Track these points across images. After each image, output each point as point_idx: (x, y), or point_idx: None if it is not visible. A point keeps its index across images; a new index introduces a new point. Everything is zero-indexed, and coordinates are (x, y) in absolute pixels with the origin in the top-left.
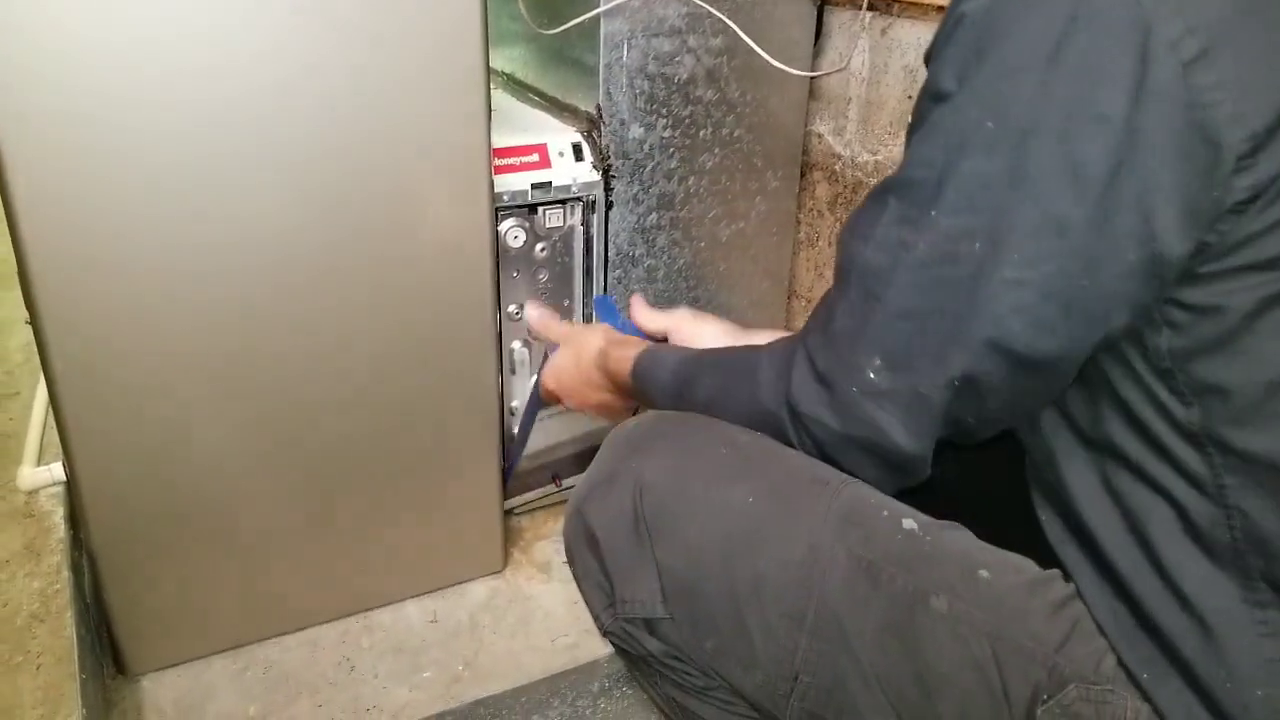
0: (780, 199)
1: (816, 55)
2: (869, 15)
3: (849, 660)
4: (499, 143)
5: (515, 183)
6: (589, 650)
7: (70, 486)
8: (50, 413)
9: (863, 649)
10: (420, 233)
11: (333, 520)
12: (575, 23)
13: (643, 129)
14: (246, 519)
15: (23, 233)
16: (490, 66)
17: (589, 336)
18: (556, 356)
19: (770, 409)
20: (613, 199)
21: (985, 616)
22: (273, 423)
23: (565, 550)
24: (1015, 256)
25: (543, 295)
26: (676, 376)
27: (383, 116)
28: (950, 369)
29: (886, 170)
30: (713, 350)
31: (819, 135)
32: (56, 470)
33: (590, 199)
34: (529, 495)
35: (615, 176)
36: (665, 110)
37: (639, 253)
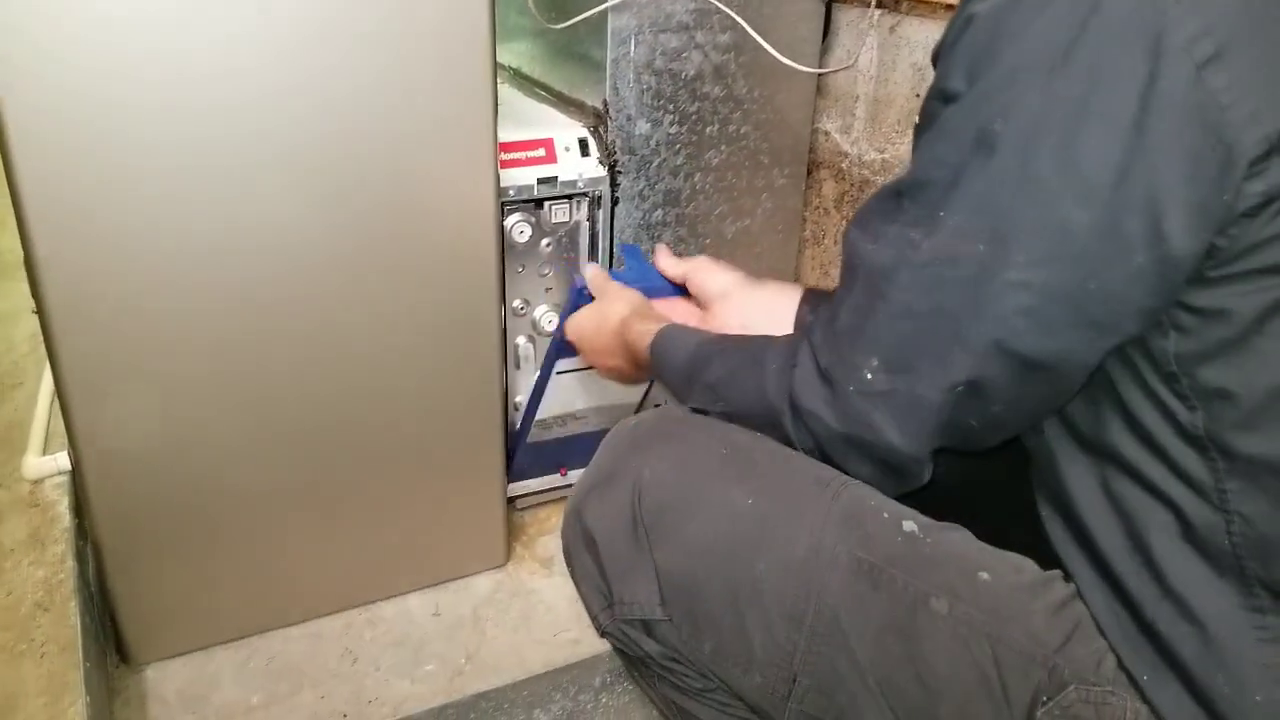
0: (786, 196)
1: (824, 52)
2: (877, 12)
3: (848, 662)
4: (505, 137)
5: (521, 177)
6: (591, 645)
7: (75, 476)
8: (56, 402)
9: (862, 651)
10: (426, 227)
11: (336, 512)
12: (582, 17)
13: (649, 125)
14: (250, 510)
15: (29, 223)
16: (497, 61)
17: (615, 303)
18: (584, 310)
19: (773, 401)
20: (618, 195)
21: (985, 618)
22: (278, 414)
23: (563, 551)
24: (1021, 258)
25: (547, 290)
26: (692, 359)
27: (389, 110)
28: (953, 372)
29: (894, 168)
30: (730, 336)
31: (826, 133)
32: (62, 460)
33: (596, 194)
34: (533, 484)
35: (621, 172)
36: (672, 106)
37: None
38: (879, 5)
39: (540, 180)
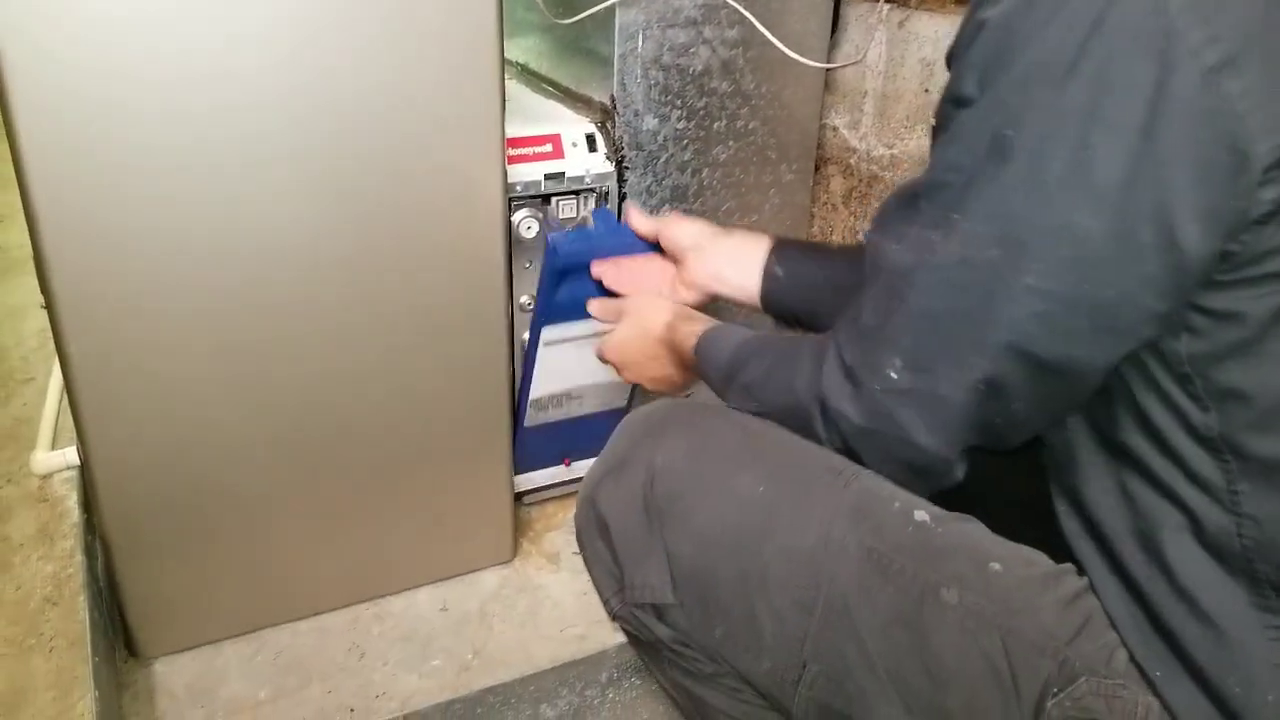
0: (794, 192)
1: (833, 48)
2: (886, 8)
3: (858, 650)
4: (512, 133)
5: (528, 173)
6: (597, 640)
7: (84, 471)
8: (65, 398)
9: (872, 639)
10: (433, 223)
11: (344, 508)
12: (590, 13)
13: (657, 120)
14: (259, 505)
15: (39, 218)
16: (505, 56)
17: (656, 312)
18: (621, 327)
19: (803, 399)
20: (626, 190)
21: (996, 609)
22: (285, 409)
23: (576, 537)
24: (1034, 265)
25: None
26: (731, 360)
27: (396, 107)
28: (971, 373)
29: (902, 164)
30: (768, 337)
31: (834, 128)
32: (70, 455)
33: (603, 190)
34: (540, 479)
35: (628, 168)
36: (679, 102)
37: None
38: (888, 0)
39: (547, 176)
